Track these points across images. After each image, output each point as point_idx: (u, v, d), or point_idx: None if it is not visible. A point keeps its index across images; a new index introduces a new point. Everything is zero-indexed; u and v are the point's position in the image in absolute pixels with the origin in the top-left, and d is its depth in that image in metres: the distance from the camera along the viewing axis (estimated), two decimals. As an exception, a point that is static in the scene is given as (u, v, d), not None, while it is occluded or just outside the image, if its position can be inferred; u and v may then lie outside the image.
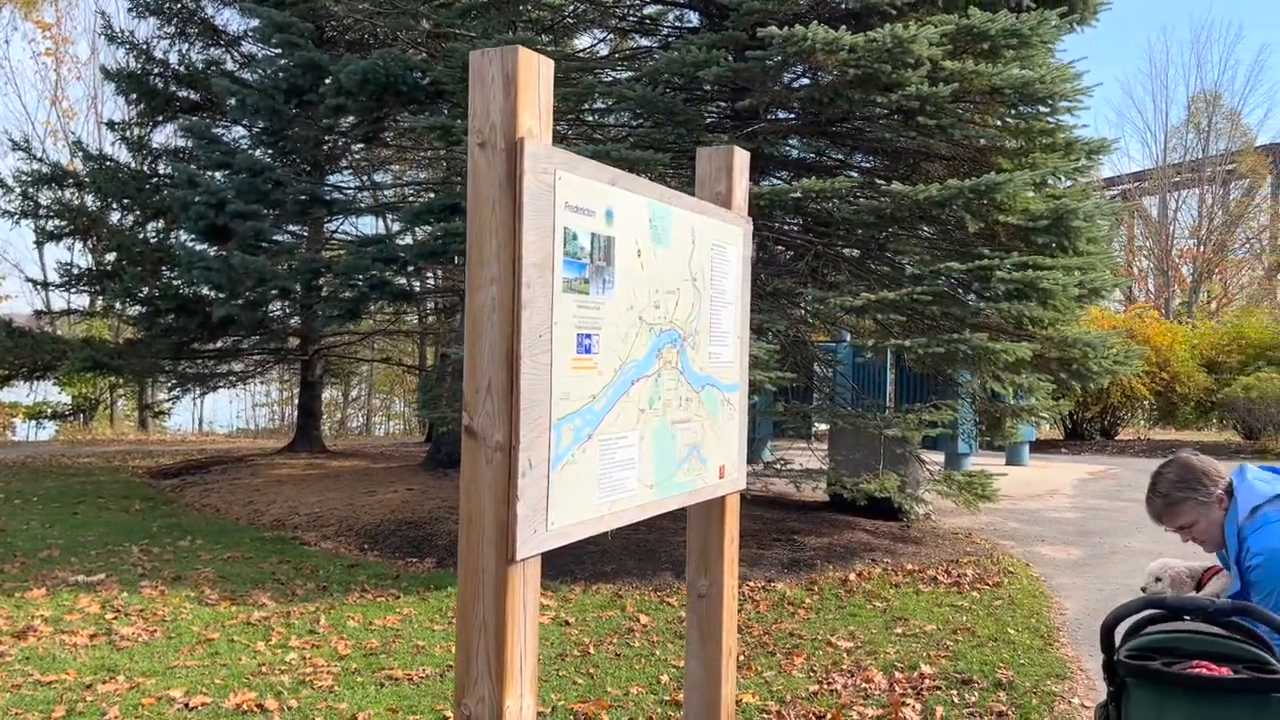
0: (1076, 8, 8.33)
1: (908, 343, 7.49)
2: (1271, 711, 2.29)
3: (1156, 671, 2.34)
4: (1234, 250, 38.47)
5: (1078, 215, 7.50)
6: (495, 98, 2.05)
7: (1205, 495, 2.79)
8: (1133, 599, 2.46)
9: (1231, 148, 37.63)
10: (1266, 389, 18.10)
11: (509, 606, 2.04)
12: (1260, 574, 2.64)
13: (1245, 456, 16.64)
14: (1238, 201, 38.91)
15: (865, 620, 6.11)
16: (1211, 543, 2.87)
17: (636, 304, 2.48)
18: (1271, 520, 2.67)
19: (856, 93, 7.36)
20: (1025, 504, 11.14)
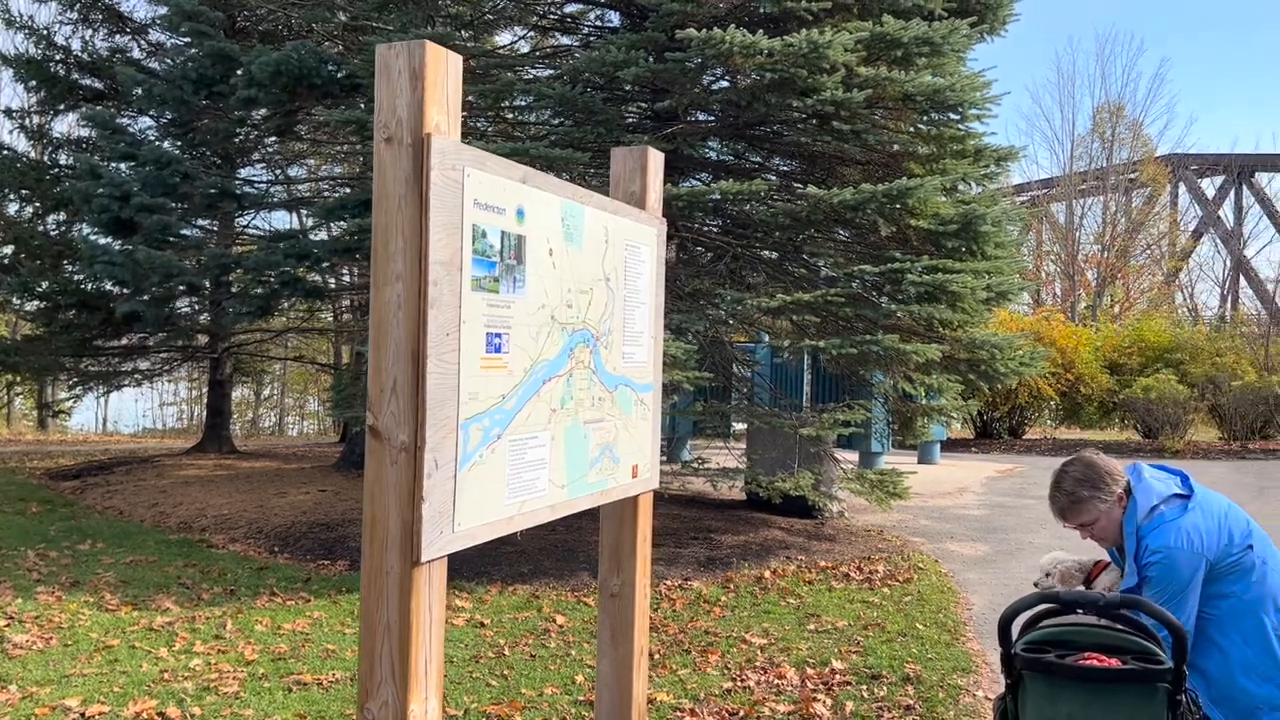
0: (986, 18, 8.56)
1: (822, 344, 7.61)
2: (1158, 700, 2.39)
3: (1050, 664, 2.42)
4: (1136, 256, 39.98)
5: (986, 220, 7.71)
6: (402, 93, 2.02)
7: (1107, 494, 2.88)
8: (1028, 594, 2.54)
9: (1133, 157, 39.13)
10: (1164, 390, 18.86)
11: (414, 609, 2.01)
12: (1156, 570, 2.74)
13: (1145, 455, 17.31)
14: (1139, 209, 40.47)
15: (779, 617, 6.19)
16: (1110, 540, 2.97)
17: (549, 303, 2.47)
18: (1167, 519, 2.78)
19: (773, 96, 7.44)
20: (936, 501, 11.40)
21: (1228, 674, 2.73)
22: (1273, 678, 2.71)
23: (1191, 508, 2.77)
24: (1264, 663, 2.71)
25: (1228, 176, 45.42)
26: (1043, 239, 41.24)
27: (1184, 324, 28.68)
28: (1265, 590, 2.77)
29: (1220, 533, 2.74)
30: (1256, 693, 2.71)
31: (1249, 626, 2.73)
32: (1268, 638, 2.72)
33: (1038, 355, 9.00)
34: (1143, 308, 36.62)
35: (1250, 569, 2.76)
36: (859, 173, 8.72)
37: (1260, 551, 2.81)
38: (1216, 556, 2.72)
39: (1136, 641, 2.42)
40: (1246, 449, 18.03)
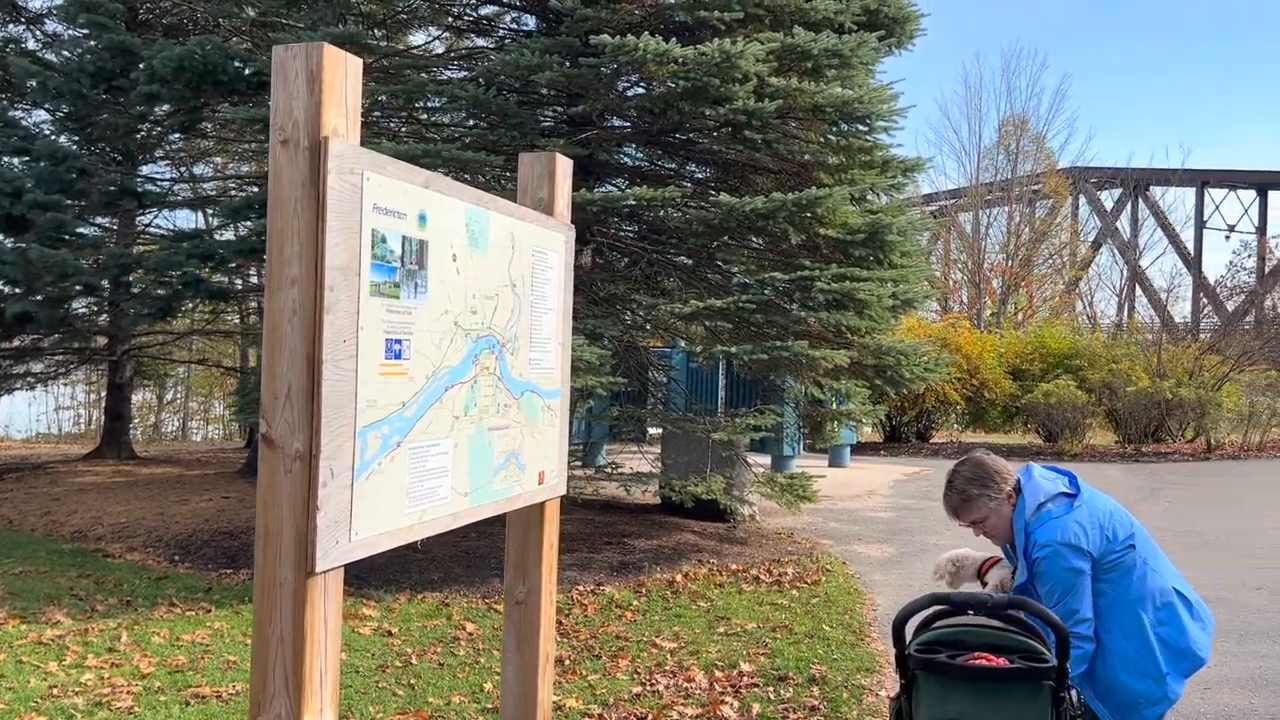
0: (894, 32, 8.76)
1: (734, 349, 7.70)
2: (1043, 697, 2.47)
3: (942, 664, 2.49)
4: (1038, 265, 41.35)
5: (892, 230, 7.90)
6: (299, 95, 1.98)
7: (996, 492, 2.99)
8: (921, 596, 2.61)
9: (1037, 169, 40.47)
10: (1064, 395, 19.54)
11: (308, 620, 1.97)
12: (1044, 565, 2.84)
13: (1045, 458, 17.90)
14: (1042, 220, 41.89)
15: (690, 621, 6.24)
16: (1000, 537, 3.07)
17: (452, 309, 2.45)
18: (1054, 515, 2.89)
19: (687, 104, 7.51)
20: (845, 504, 11.62)
21: (1109, 669, 2.85)
22: (1150, 673, 2.83)
23: (1077, 505, 2.89)
24: (1143, 658, 2.84)
25: (1125, 189, 47.34)
26: (950, 248, 42.40)
27: (1083, 331, 29.72)
28: (1146, 589, 2.89)
29: (1104, 531, 2.86)
30: (1136, 687, 2.83)
31: (1129, 623, 2.85)
32: (1146, 634, 2.84)
33: (941, 361, 9.26)
34: (1045, 315, 37.88)
35: (1132, 568, 2.88)
36: (771, 181, 8.85)
37: (1142, 551, 2.93)
38: (1100, 553, 2.84)
39: (1023, 641, 2.51)
40: (1140, 452, 18.78)
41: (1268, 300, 25.91)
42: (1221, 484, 14.21)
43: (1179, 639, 2.85)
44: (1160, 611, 2.89)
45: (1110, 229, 47.10)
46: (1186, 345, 22.58)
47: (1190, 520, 10.83)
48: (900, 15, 8.69)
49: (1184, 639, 2.86)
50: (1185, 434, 20.28)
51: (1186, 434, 20.26)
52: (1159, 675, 2.83)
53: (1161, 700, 2.84)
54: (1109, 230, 47.11)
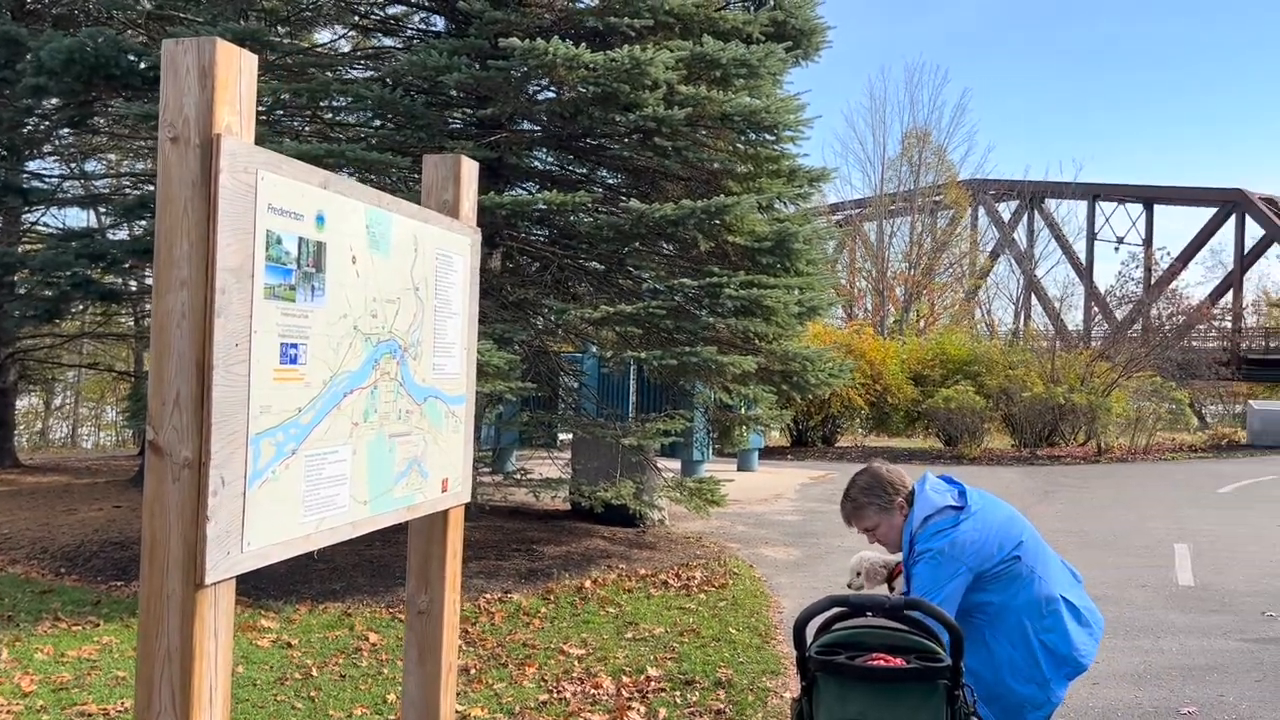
0: (801, 44, 8.92)
1: (644, 355, 7.73)
2: (938, 696, 2.53)
3: (841, 665, 2.53)
4: (940, 274, 42.55)
5: (798, 238, 8.02)
6: (190, 91, 1.92)
7: (887, 502, 3.07)
8: (821, 599, 2.65)
9: (938, 181, 41.64)
10: (963, 400, 20.15)
11: (197, 635, 1.90)
12: (919, 569, 2.91)
13: (945, 462, 18.42)
14: (943, 230, 43.12)
15: (598, 627, 6.22)
16: (893, 545, 3.15)
17: (351, 312, 2.40)
18: (938, 528, 2.96)
19: (597, 110, 7.51)
20: (753, 508, 11.76)
21: (995, 674, 2.93)
22: (1034, 678, 2.92)
23: (963, 519, 2.96)
24: (1027, 664, 2.93)
25: (1021, 201, 49.02)
26: (855, 256, 43.33)
27: (982, 339, 30.71)
28: (1032, 597, 2.97)
29: (988, 544, 2.93)
30: (1021, 692, 2.92)
31: (1014, 631, 2.94)
32: (1031, 641, 2.93)
33: (845, 367, 9.43)
34: (945, 323, 39.00)
35: (1017, 577, 2.96)
36: (681, 188, 8.91)
37: (1029, 561, 3.01)
38: (983, 566, 2.91)
39: (919, 641, 2.57)
40: (1035, 455, 19.46)
41: (1153, 309, 27.10)
42: (1110, 485, 14.81)
43: (1062, 645, 2.94)
44: (1046, 619, 2.97)
45: (1008, 239, 48.73)
46: (1079, 352, 23.51)
47: (1081, 521, 11.26)
48: (807, 27, 8.85)
49: (1067, 645, 2.95)
50: (1077, 437, 21.11)
51: (1078, 437, 21.09)
52: (1043, 681, 2.92)
53: (1045, 704, 2.93)
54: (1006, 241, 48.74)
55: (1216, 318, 37.32)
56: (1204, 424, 29.53)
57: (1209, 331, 33.84)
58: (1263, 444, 20.84)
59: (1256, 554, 9.24)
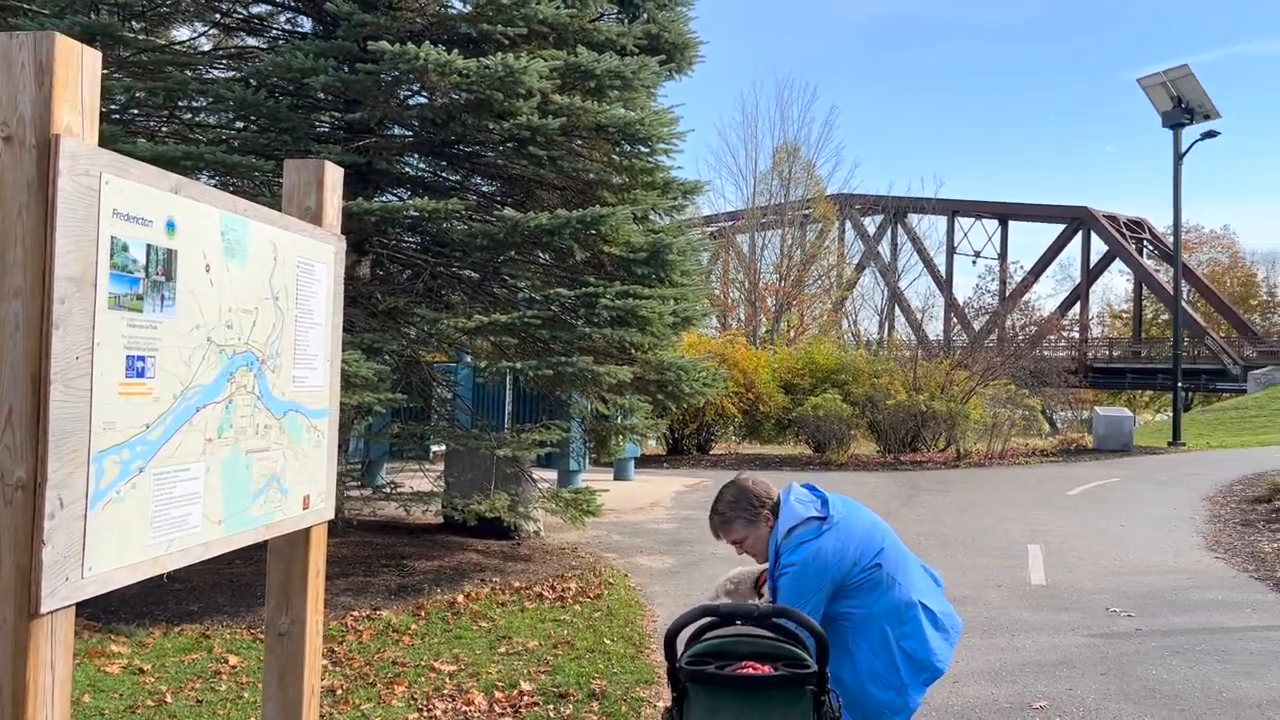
0: (675, 58, 9.02)
1: (519, 365, 7.67)
2: (805, 701, 2.58)
3: (710, 674, 2.55)
4: (809, 285, 43.70)
5: (673, 250, 8.11)
6: (25, 88, 1.80)
7: (754, 515, 3.11)
8: (691, 609, 2.67)
9: (807, 195, 42.78)
10: (831, 408, 20.70)
11: (31, 668, 1.78)
12: (784, 582, 2.97)
13: (814, 468, 18.89)
14: (813, 243, 44.31)
15: (470, 642, 6.13)
16: (761, 556, 3.19)
17: (204, 323, 2.29)
18: (803, 539, 3.02)
19: (470, 117, 7.43)
20: (629, 517, 11.80)
21: (858, 681, 3.01)
22: (894, 684, 3.01)
23: (826, 529, 3.03)
24: (888, 671, 3.01)
25: (886, 216, 50.94)
26: (729, 267, 44.12)
27: (849, 348, 31.61)
28: (892, 603, 3.06)
29: (850, 554, 3.01)
30: (881, 698, 3.00)
31: (875, 637, 3.02)
32: (891, 648, 3.02)
33: (719, 377, 9.58)
34: (814, 333, 40.05)
35: (878, 585, 3.05)
36: (557, 198, 8.89)
37: (890, 569, 3.10)
38: (846, 575, 2.99)
39: (786, 648, 2.61)
40: (899, 461, 20.13)
41: (1008, 320, 28.44)
42: (969, 489, 15.45)
43: (920, 651, 3.04)
44: (905, 625, 3.06)
45: (873, 252, 50.54)
46: (939, 362, 24.47)
47: (941, 523, 11.71)
48: (680, 42, 8.97)
49: (925, 651, 3.04)
50: (938, 443, 21.94)
51: (939, 443, 21.92)
52: (901, 686, 3.00)
53: (903, 710, 3.01)
54: (872, 254, 50.54)
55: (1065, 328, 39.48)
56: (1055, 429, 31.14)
57: (1059, 341, 35.71)
58: (1107, 448, 22.09)
59: (1102, 553, 9.78)
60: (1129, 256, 49.82)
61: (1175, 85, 23.43)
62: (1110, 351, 51.17)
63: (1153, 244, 51.63)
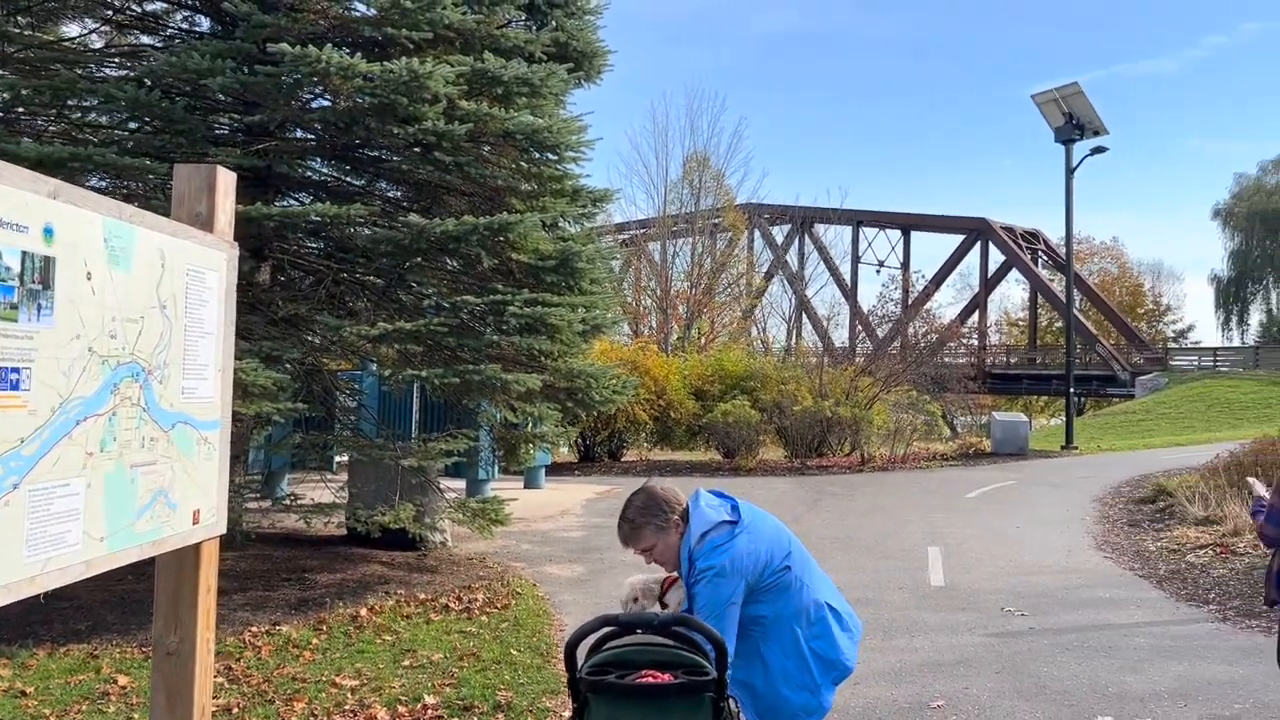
0: (583, 66, 9.04)
1: (425, 373, 7.57)
2: (704, 708, 2.60)
3: (610, 684, 2.55)
4: (720, 293, 44.14)
5: (582, 258, 8.11)
6: (-115, 85, 1.71)
7: (664, 521, 3.10)
8: (591, 619, 2.66)
9: (717, 204, 43.24)
10: (740, 414, 20.95)
11: (-111, 697, 1.69)
12: (700, 588, 2.98)
13: (724, 474, 19.08)
14: (723, 251, 44.80)
15: (373, 656, 6.01)
16: (670, 564, 3.19)
17: (85, 333, 2.21)
18: (716, 544, 3.04)
19: (374, 121, 7.32)
20: (538, 525, 11.73)
21: (771, 685, 3.04)
22: (807, 685, 3.05)
23: (738, 533, 3.05)
24: (800, 672, 3.05)
25: (793, 226, 51.79)
26: (641, 275, 44.31)
27: (758, 355, 32.04)
28: (801, 605, 3.11)
29: (761, 556, 3.05)
30: (795, 700, 3.03)
31: (787, 640, 3.05)
32: (803, 649, 3.05)
33: (629, 384, 9.60)
34: (724, 340, 40.47)
35: (788, 587, 3.09)
36: (465, 204, 8.81)
37: (798, 570, 3.15)
38: (756, 578, 3.02)
39: (686, 656, 2.63)
40: (805, 465, 20.47)
41: (910, 328, 29.19)
42: (872, 493, 15.80)
43: (830, 651, 3.09)
44: (814, 626, 3.11)
45: (781, 261, 51.29)
46: (844, 368, 24.98)
47: (845, 527, 11.94)
48: (589, 50, 8.98)
49: (834, 651, 3.09)
50: (843, 448, 22.39)
51: (844, 448, 22.37)
52: (814, 687, 3.04)
53: (816, 710, 3.05)
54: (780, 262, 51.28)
55: (965, 336, 40.68)
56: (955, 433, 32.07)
57: (959, 348, 36.85)
58: (1003, 451, 22.83)
59: (998, 554, 10.10)
60: (1025, 266, 51.59)
61: (1066, 102, 24.40)
62: (1007, 358, 52.89)
63: (1047, 254, 53.58)
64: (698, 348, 37.53)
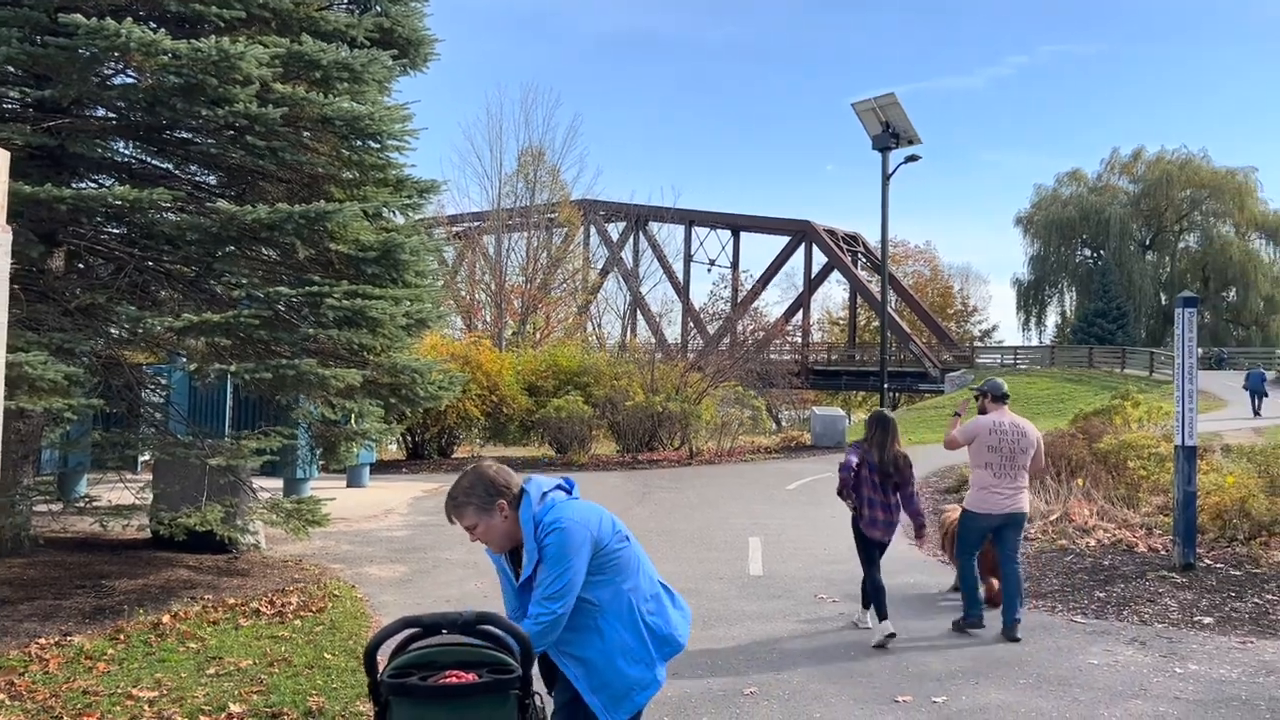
0: (409, 53, 8.84)
1: (235, 367, 7.24)
2: (509, 706, 2.59)
3: (411, 686, 2.51)
4: (555, 289, 44.14)
5: (405, 249, 7.92)
6: None
7: (487, 502, 3.07)
8: (392, 621, 2.61)
9: (553, 199, 43.19)
10: (573, 410, 21.01)
11: None
12: (552, 539, 2.93)
13: (556, 469, 19.09)
14: (558, 246, 44.81)
15: (176, 665, 5.70)
16: (494, 544, 3.15)
17: None
18: (559, 503, 3.05)
19: (181, 101, 6.93)
20: (361, 525, 11.42)
21: (608, 658, 3.04)
22: (643, 659, 3.07)
23: (576, 498, 3.12)
24: (637, 646, 3.07)
25: (629, 223, 52.38)
26: (475, 269, 43.78)
27: (593, 351, 32.21)
28: (638, 581, 3.14)
29: (605, 521, 3.08)
30: (631, 674, 3.05)
31: (625, 613, 3.07)
32: (639, 623, 3.08)
33: (457, 379, 9.45)
34: (560, 335, 40.53)
35: (626, 564, 3.11)
36: (282, 191, 8.46)
37: (636, 551, 3.19)
38: (602, 540, 3.03)
39: (490, 654, 2.61)
40: (636, 460, 20.72)
41: (739, 325, 29.98)
42: (699, 486, 16.16)
43: (664, 626, 3.14)
44: (650, 602, 3.16)
45: (616, 258, 51.78)
46: (675, 364, 25.43)
47: (672, 520, 12.17)
48: (415, 37, 8.79)
49: (669, 626, 3.16)
50: (673, 442, 22.79)
51: (674, 442, 22.78)
52: (650, 661, 3.08)
53: (651, 684, 3.08)
54: (615, 259, 51.77)
55: (790, 333, 42.10)
56: (779, 427, 33.14)
57: (784, 346, 38.05)
58: (823, 444, 23.76)
59: (813, 543, 10.51)
60: (845, 268, 53.92)
61: (884, 111, 25.60)
62: (829, 355, 55.17)
63: (866, 256, 56.19)
64: (532, 343, 37.41)
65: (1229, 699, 5.32)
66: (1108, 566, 8.82)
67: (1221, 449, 14.82)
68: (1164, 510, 10.52)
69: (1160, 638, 6.62)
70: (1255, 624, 6.93)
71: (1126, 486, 11.78)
